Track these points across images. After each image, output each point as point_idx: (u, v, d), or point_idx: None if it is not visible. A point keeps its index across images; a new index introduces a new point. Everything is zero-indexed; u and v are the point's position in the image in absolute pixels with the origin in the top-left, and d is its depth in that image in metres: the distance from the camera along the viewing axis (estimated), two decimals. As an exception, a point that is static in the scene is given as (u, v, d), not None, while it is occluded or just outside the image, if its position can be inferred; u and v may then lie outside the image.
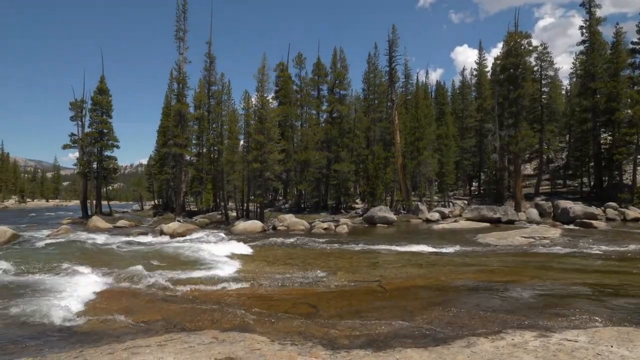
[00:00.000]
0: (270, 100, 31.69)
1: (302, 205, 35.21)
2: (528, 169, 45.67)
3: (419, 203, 31.04)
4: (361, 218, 28.19)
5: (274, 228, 24.23)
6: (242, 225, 23.62)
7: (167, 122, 36.73)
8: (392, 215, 27.07)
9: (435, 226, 24.37)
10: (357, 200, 37.45)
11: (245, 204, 29.20)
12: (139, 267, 10.47)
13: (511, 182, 33.47)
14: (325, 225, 24.08)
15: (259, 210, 27.42)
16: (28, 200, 77.22)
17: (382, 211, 26.96)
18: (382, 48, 37.15)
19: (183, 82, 32.70)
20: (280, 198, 42.18)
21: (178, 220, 25.88)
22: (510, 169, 33.58)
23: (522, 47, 30.63)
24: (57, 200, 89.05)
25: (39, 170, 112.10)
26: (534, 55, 34.38)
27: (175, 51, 32.34)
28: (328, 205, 35.28)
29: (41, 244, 17.57)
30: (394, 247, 15.13)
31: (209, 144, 34.71)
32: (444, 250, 14.54)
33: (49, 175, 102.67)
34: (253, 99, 28.82)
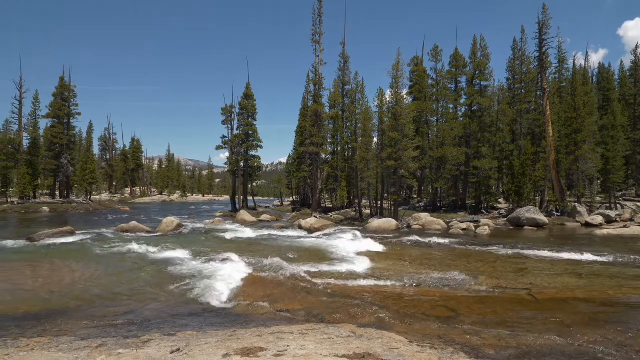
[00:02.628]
0: (405, 96, 31.16)
1: (438, 204, 33.84)
2: None
3: (576, 204, 27.17)
4: (505, 219, 25.98)
5: (409, 227, 23.81)
6: (376, 222, 23.74)
7: (305, 123, 38.92)
8: (542, 217, 24.25)
9: (598, 231, 21.03)
10: (500, 200, 34.56)
11: (379, 202, 29.24)
12: (281, 259, 11.29)
13: None
14: (463, 225, 22.80)
15: (393, 208, 27.23)
16: (188, 194, 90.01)
17: (530, 212, 24.33)
18: (530, 32, 33.33)
19: (319, 84, 34.25)
20: (415, 196, 41.29)
21: (314, 216, 27.22)
22: None
23: None
24: (211, 195, 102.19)
25: (196, 169, 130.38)
26: None
27: (311, 54, 34.01)
28: (467, 204, 33.29)
29: (200, 232, 20.36)
30: (545, 253, 13.50)
31: (343, 142, 35.80)
32: (610, 259, 12.42)
33: (204, 173, 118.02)
34: (387, 96, 28.67)
